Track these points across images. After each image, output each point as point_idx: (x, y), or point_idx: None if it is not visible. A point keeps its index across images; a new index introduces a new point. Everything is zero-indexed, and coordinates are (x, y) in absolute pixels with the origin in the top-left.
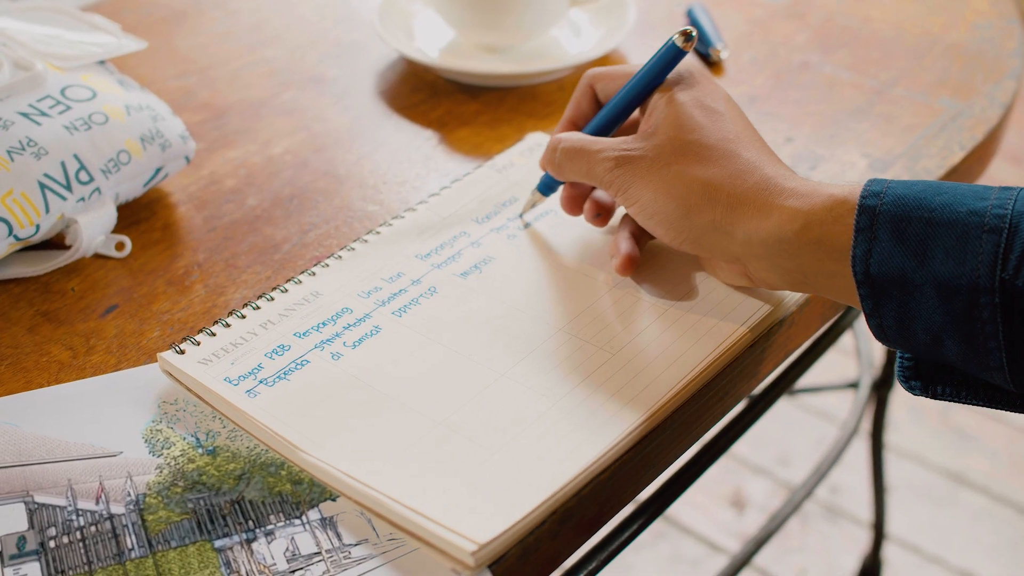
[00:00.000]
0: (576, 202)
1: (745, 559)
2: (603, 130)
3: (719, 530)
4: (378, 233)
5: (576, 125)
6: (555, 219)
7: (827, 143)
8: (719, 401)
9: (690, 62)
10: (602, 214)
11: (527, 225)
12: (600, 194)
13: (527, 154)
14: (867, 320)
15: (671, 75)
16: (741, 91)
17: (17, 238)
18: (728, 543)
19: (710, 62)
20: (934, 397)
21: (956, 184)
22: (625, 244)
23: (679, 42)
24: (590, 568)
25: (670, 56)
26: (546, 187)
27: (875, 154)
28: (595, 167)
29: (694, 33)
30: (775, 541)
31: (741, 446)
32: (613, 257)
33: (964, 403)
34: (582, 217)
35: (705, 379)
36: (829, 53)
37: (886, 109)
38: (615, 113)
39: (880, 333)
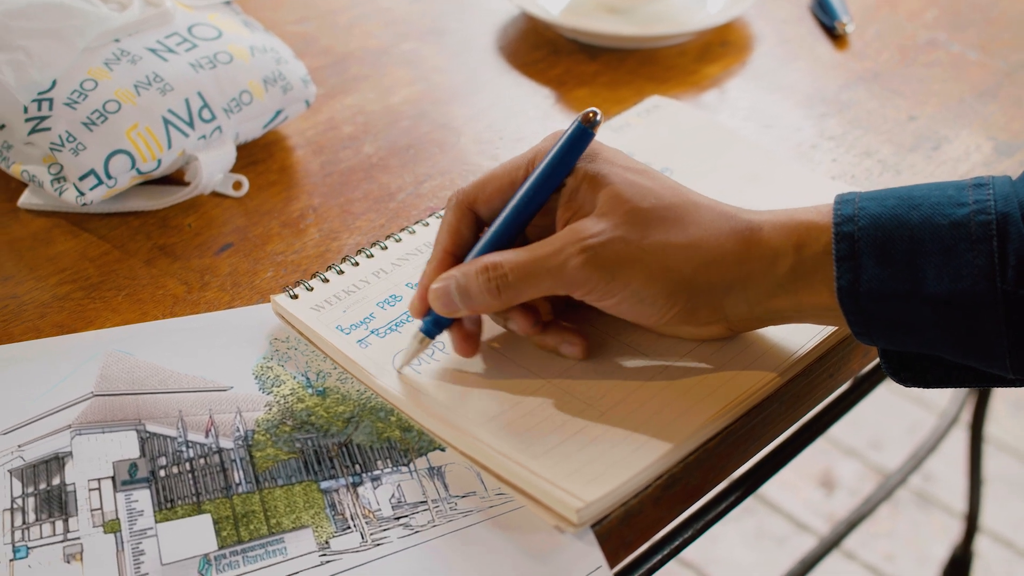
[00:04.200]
0: (474, 340)
1: (835, 541)
2: (505, 243)
3: (806, 509)
4: None
5: (457, 257)
6: None
7: (951, 124)
8: (829, 378)
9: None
10: (539, 320)
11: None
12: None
13: (644, 115)
14: (857, 337)
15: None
16: (864, 67)
17: (139, 171)
18: (815, 522)
19: (834, 35)
20: (926, 386)
21: (927, 189)
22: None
23: (585, 124)
24: (685, 536)
25: (577, 140)
26: (434, 328)
27: (1001, 137)
28: (563, 271)
29: (599, 116)
30: (864, 525)
31: (834, 427)
32: (571, 345)
33: (953, 387)
34: None
35: (821, 351)
36: (958, 32)
37: (1015, 92)
38: (521, 219)
39: (869, 341)
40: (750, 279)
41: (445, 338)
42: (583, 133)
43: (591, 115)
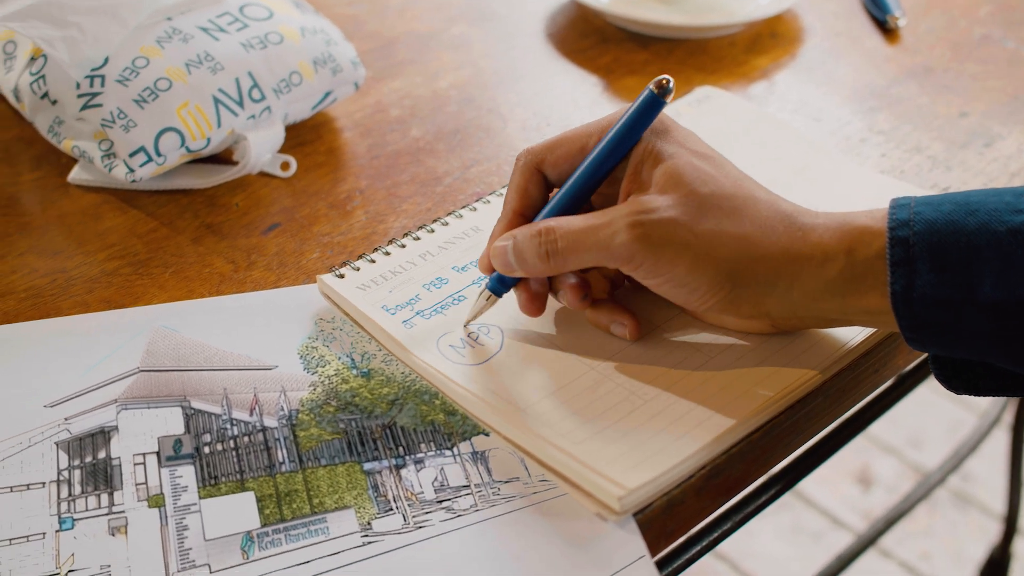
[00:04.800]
0: (540, 300)
1: (872, 538)
2: (571, 210)
3: (843, 505)
4: None
5: (525, 217)
6: None
7: (1004, 120)
8: (874, 373)
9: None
10: (589, 294)
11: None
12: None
13: (695, 105)
14: (908, 343)
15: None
16: (915, 61)
17: (188, 149)
18: (851, 519)
19: (886, 29)
20: (977, 394)
21: (984, 195)
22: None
23: (656, 91)
24: (725, 528)
25: (648, 108)
26: (499, 287)
27: None
28: (610, 244)
29: (671, 84)
30: (901, 523)
31: (873, 424)
32: (622, 325)
33: (1006, 395)
34: None
35: (868, 346)
36: (1012, 28)
37: None
38: (587, 186)
39: (920, 347)
40: (797, 279)
41: (490, 323)
42: (654, 101)
43: (663, 82)
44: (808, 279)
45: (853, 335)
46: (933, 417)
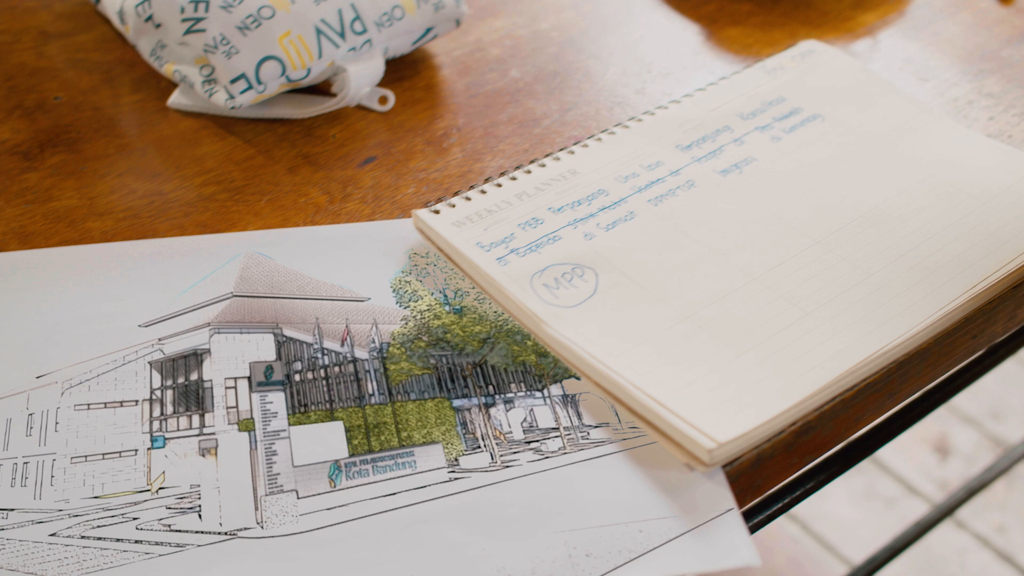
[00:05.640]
0: None
1: (950, 508)
2: None
3: (918, 473)
4: (640, 121)
5: None
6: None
7: None
8: (972, 339)
9: None
10: None
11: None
12: None
13: (799, 59)
14: None
15: None
16: None
17: (288, 79)
18: (925, 487)
19: None
20: None
21: None
22: None
23: None
24: (808, 486)
25: None
26: None
27: None
28: None
29: None
30: (978, 494)
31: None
32: None
33: None
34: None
35: (969, 309)
36: None
37: None
38: None
39: None
40: None
41: (585, 265)
42: None
43: None
44: None
45: (959, 292)
46: (1016, 390)
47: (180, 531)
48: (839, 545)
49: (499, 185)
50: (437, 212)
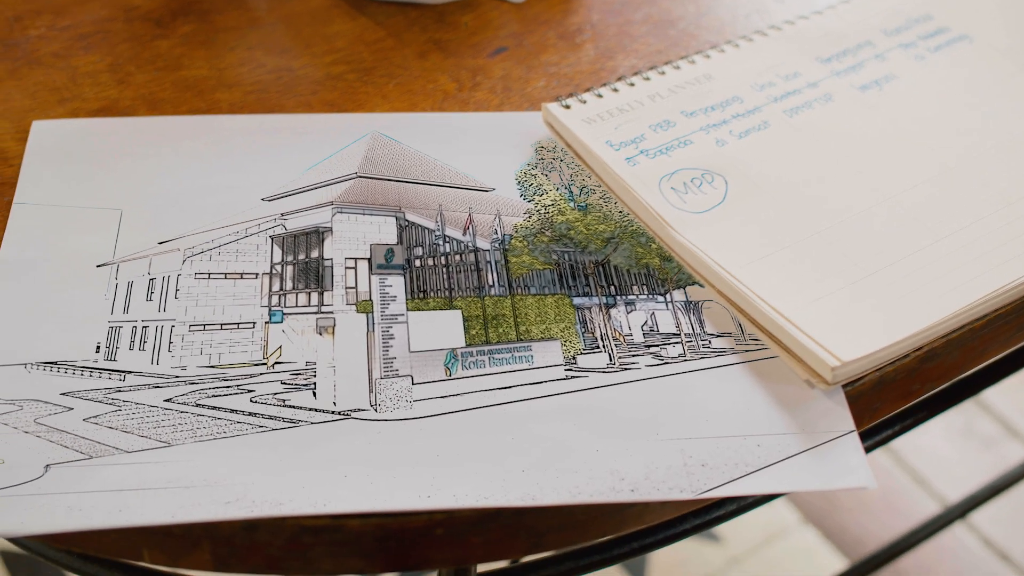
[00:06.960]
0: None
1: None
2: None
3: (1021, 415)
4: (779, 29)
5: None
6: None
7: None
8: None
9: None
10: None
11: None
12: None
13: None
14: None
15: None
16: None
17: None
18: None
19: None
20: None
21: None
22: None
23: None
24: (919, 415)
25: None
26: None
27: None
28: None
29: None
30: None
31: None
32: None
33: None
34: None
35: None
36: None
37: None
38: None
39: None
40: None
41: (715, 171)
42: None
43: None
44: None
45: None
46: None
47: (294, 407)
48: (932, 480)
49: (632, 84)
50: (568, 107)
